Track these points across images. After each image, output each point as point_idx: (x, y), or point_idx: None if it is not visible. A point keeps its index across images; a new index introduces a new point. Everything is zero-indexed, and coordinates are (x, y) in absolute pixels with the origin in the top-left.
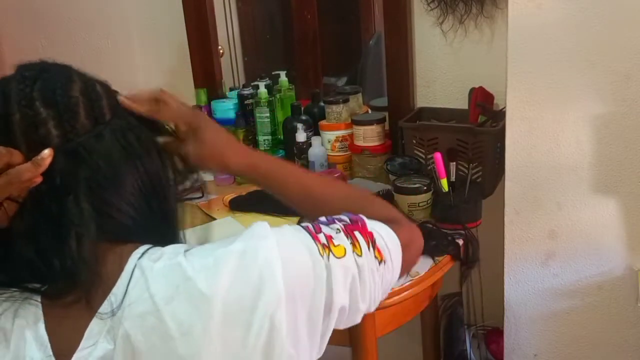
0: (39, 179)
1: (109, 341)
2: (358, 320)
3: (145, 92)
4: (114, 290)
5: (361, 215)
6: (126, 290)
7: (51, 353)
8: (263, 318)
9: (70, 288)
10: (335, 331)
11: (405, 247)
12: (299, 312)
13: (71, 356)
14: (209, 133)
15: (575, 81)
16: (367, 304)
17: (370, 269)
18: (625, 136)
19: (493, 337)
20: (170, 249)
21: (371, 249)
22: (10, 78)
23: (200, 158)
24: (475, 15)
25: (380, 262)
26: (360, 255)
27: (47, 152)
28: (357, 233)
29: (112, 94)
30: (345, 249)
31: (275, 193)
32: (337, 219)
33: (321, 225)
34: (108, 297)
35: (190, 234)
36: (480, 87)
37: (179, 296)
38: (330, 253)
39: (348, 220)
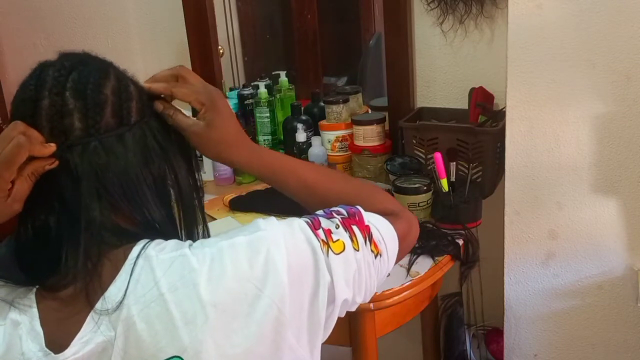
0: (52, 163)
1: (109, 328)
2: (353, 309)
3: (165, 70)
4: (111, 286)
5: (359, 208)
6: (130, 278)
7: (45, 345)
8: (267, 307)
9: (69, 283)
10: (335, 331)
11: (402, 239)
12: (302, 303)
13: (67, 346)
14: (220, 119)
15: (575, 81)
16: (363, 296)
17: (367, 262)
18: (625, 136)
19: (493, 337)
20: (174, 242)
21: (368, 242)
22: (50, 64)
23: (204, 142)
24: (475, 15)
25: (376, 256)
26: (358, 250)
27: (53, 145)
28: (354, 227)
29: (144, 96)
30: (344, 243)
31: (277, 188)
32: (335, 211)
33: (320, 219)
34: (104, 294)
35: None
36: (480, 87)
37: (184, 286)
38: (329, 249)
39: (346, 214)
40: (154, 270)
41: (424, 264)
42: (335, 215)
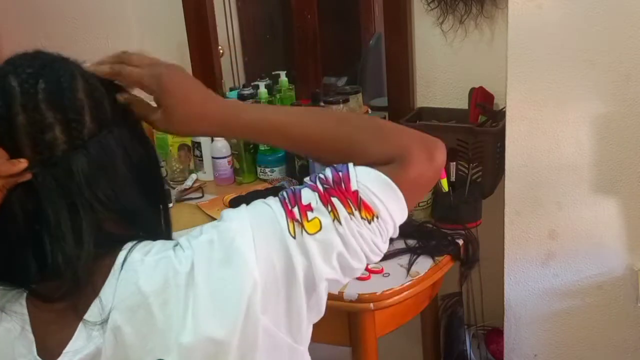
0: (26, 176)
1: (99, 336)
2: (358, 274)
3: (109, 56)
4: (101, 293)
5: (348, 168)
6: (116, 286)
7: (36, 354)
8: (239, 298)
9: (62, 296)
10: (335, 331)
11: (408, 184)
12: (278, 289)
13: (59, 355)
14: (174, 100)
15: (575, 81)
16: (363, 261)
17: (357, 233)
18: (625, 136)
19: (493, 337)
20: (160, 243)
21: (356, 211)
22: (7, 72)
23: (170, 126)
24: (475, 15)
25: (371, 220)
26: (341, 224)
27: (23, 161)
28: (335, 200)
29: (110, 89)
30: (320, 222)
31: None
32: (320, 179)
33: (302, 193)
34: (94, 302)
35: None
36: (480, 87)
37: (168, 289)
38: (303, 230)
39: (331, 181)
40: (137, 276)
41: (424, 264)
42: (319, 185)
